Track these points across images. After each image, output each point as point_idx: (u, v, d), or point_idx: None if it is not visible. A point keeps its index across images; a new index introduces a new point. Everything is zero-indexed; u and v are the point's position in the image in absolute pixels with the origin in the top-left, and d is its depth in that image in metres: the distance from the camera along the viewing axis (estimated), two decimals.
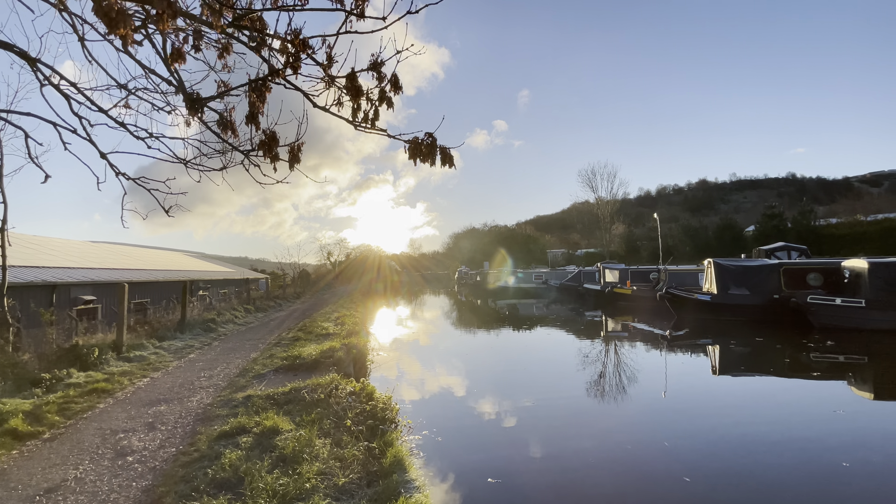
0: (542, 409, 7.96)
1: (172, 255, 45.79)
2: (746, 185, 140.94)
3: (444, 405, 8.43)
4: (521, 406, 8.16)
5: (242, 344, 12.18)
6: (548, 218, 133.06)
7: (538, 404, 8.25)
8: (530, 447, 6.36)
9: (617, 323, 20.41)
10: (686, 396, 8.79)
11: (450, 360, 11.99)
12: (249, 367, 8.96)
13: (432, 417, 7.52)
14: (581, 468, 5.66)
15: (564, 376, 10.63)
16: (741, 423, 7.18)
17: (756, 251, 22.21)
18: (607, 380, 10.21)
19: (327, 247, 68.31)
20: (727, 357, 12.67)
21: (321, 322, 15.07)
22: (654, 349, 13.83)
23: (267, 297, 24.91)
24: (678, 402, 8.37)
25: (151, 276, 25.60)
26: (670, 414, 7.76)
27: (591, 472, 5.53)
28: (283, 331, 14.39)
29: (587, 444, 6.43)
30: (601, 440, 6.66)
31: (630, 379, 10.29)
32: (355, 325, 13.12)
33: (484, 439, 6.82)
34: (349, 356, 9.10)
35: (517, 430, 7.07)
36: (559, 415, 7.74)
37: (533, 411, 7.89)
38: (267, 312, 21.37)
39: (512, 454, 6.13)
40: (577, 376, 10.62)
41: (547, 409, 7.99)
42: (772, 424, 7.10)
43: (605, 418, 7.77)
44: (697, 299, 18.92)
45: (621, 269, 30.15)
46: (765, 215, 43.78)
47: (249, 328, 15.77)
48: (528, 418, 7.53)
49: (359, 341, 10.32)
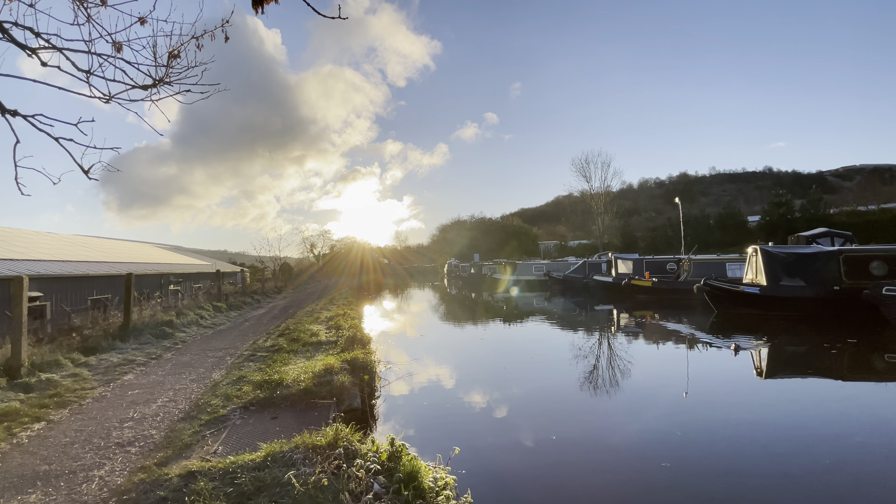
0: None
1: (142, 247, 41.64)
2: (725, 179, 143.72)
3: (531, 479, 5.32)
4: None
5: (203, 357, 9.10)
6: (533, 211, 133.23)
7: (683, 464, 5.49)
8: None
9: (643, 320, 17.89)
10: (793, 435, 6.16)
11: (490, 383, 9.12)
12: (205, 399, 5.94)
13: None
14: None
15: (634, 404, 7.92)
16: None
17: (795, 237, 19.97)
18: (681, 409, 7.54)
19: (310, 239, 64.63)
20: (838, 371, 10.15)
21: (308, 324, 12.04)
22: (711, 356, 11.25)
23: (243, 292, 21.62)
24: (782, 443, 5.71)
25: (114, 270, 22.14)
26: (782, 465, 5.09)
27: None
28: (259, 336, 11.32)
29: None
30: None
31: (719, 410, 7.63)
32: (353, 329, 10.16)
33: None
34: (358, 384, 6.16)
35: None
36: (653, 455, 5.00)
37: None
38: (242, 311, 18.16)
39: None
40: (649, 403, 7.92)
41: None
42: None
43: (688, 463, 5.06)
44: (744, 293, 16.50)
45: (635, 260, 27.79)
46: (772, 203, 42.15)
47: (218, 332, 12.64)
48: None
49: (366, 356, 7.37)
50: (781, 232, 39.83)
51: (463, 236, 79.58)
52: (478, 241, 73.34)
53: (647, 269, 26.60)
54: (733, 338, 12.85)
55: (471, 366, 10.39)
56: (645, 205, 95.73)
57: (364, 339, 8.93)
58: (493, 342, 13.64)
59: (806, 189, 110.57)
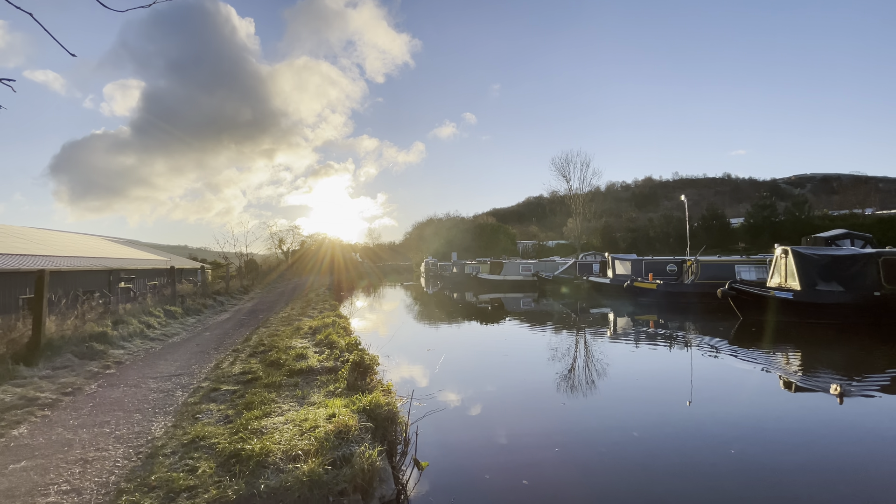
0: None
1: (89, 239, 37.19)
2: (687, 184, 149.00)
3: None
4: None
5: (143, 391, 6.45)
6: (504, 210, 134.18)
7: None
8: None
9: (649, 327, 16.17)
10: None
11: (563, 430, 6.85)
12: (132, 497, 3.41)
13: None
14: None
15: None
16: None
17: (811, 238, 18.77)
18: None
19: (279, 234, 60.70)
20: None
21: (289, 337, 9.45)
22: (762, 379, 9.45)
23: (204, 292, 18.54)
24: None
25: (52, 264, 18.72)
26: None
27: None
28: (224, 354, 8.66)
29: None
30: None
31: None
32: (353, 348, 7.71)
33: None
34: (386, 452, 3.78)
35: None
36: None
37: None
38: (202, 315, 15.21)
39: None
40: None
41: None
42: None
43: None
44: (777, 298, 14.99)
45: (634, 260, 26.32)
46: (756, 206, 41.93)
47: (169, 346, 9.85)
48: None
49: (388, 400, 4.98)
50: (766, 234, 39.67)
51: (440, 234, 77.30)
52: (455, 240, 71.23)
53: (648, 271, 25.17)
54: (818, 374, 11.10)
55: (515, 397, 8.09)
56: (612, 207, 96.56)
57: (372, 363, 6.51)
58: (519, 359, 11.41)
59: (761, 196, 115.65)
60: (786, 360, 10.46)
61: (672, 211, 66.36)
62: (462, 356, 11.74)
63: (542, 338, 14.25)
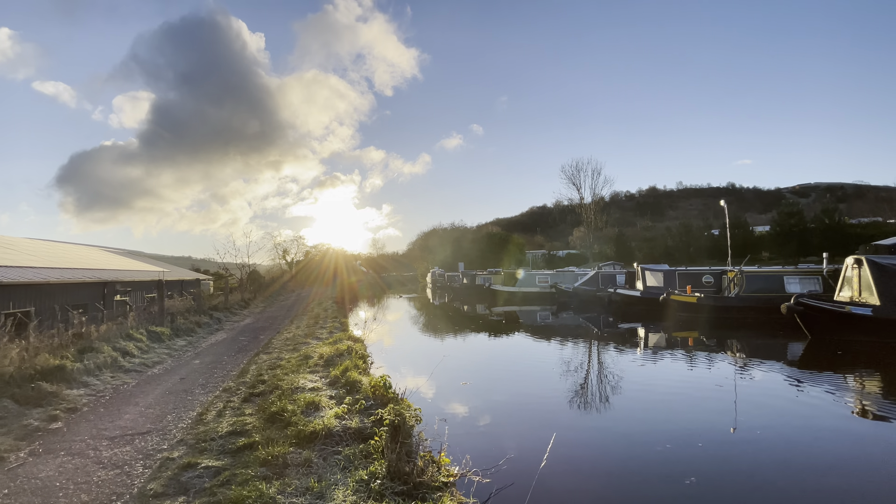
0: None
1: (85, 250, 35.34)
2: (692, 194, 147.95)
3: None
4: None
5: (83, 473, 4.53)
6: (508, 220, 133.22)
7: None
8: None
9: (703, 349, 14.15)
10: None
11: None
12: None
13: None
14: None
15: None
16: None
17: (870, 247, 16.79)
18: None
19: (282, 244, 59.03)
20: None
21: (294, 371, 7.53)
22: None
23: (198, 308, 16.64)
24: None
25: (39, 277, 16.95)
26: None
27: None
28: (213, 398, 6.74)
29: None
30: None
31: None
32: (383, 393, 5.80)
33: None
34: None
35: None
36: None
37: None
38: (194, 337, 13.28)
39: None
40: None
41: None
42: None
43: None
44: (854, 314, 12.99)
45: (666, 272, 24.31)
46: (782, 213, 39.83)
47: (145, 381, 7.94)
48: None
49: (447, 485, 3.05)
50: (794, 242, 37.55)
51: (445, 244, 75.39)
52: (462, 250, 69.30)
53: (683, 283, 23.16)
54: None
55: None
56: (620, 217, 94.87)
57: (414, 422, 4.60)
58: (590, 407, 9.42)
59: (767, 204, 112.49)
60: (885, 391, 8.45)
61: (689, 220, 64.34)
62: (505, 391, 9.75)
63: (616, 371, 12.23)
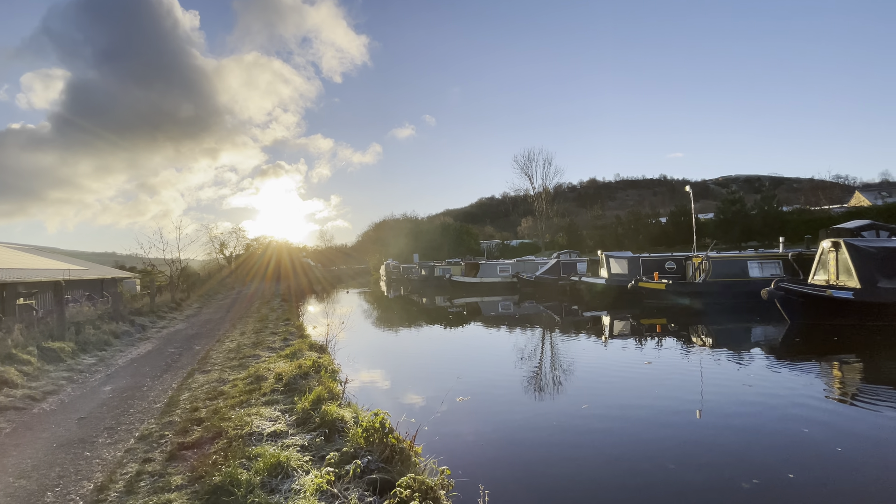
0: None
1: None
2: (629, 185, 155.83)
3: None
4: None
5: None
6: (458, 211, 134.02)
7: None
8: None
9: (663, 334, 13.67)
10: None
11: None
12: None
13: None
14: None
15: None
16: None
17: (830, 231, 17.12)
18: None
19: (219, 238, 54.03)
20: None
21: (243, 404, 5.59)
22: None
23: (114, 314, 13.73)
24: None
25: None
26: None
27: None
28: (121, 455, 4.67)
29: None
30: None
31: None
32: (375, 432, 4.09)
33: None
34: None
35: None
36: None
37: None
38: (108, 350, 10.64)
39: None
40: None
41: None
42: None
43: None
44: (834, 298, 12.83)
45: (630, 259, 24.06)
46: (725, 201, 41.60)
47: (21, 429, 5.62)
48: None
49: None
50: (737, 228, 39.33)
51: (399, 236, 73.08)
52: (417, 241, 67.41)
53: (648, 270, 22.98)
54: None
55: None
56: (563, 207, 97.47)
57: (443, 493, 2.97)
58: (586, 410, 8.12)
59: (695, 194, 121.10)
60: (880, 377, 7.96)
61: (615, 210, 66.48)
62: (507, 403, 8.28)
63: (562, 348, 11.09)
